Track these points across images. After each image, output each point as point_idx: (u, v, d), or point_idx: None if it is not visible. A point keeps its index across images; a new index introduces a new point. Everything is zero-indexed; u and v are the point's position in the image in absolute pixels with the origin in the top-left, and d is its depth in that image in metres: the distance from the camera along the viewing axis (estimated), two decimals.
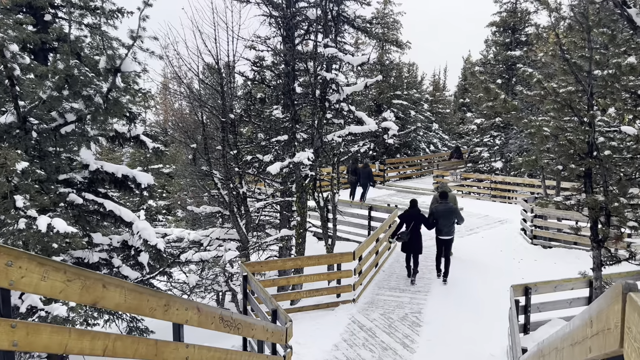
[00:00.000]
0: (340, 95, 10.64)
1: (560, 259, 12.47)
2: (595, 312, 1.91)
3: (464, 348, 7.98)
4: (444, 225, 10.86)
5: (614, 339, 1.62)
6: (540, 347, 3.63)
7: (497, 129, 24.58)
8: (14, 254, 2.56)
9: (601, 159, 5.40)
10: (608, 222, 5.65)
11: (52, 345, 2.84)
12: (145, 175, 10.14)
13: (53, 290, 2.83)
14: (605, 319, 1.73)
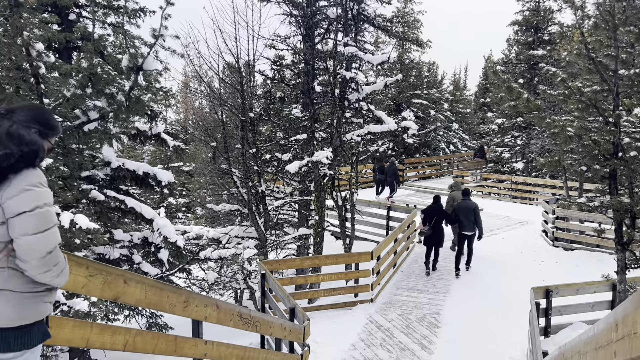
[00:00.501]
0: (359, 94, 10.61)
1: (582, 261, 12.25)
2: (621, 316, 1.86)
3: (483, 350, 7.89)
4: (465, 221, 11.20)
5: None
6: (562, 351, 3.57)
7: (518, 129, 24.26)
8: None
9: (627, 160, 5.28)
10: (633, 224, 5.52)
11: (75, 339, 2.89)
12: (166, 173, 10.25)
13: (75, 284, 2.87)
14: (632, 323, 1.69)
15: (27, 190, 1.85)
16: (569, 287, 7.89)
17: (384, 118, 11.68)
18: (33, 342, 1.97)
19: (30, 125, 1.99)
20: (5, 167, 1.83)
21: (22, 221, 1.83)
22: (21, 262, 1.86)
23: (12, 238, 1.85)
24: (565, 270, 11.49)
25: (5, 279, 1.87)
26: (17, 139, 1.90)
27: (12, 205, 1.83)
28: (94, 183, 9.27)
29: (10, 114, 1.98)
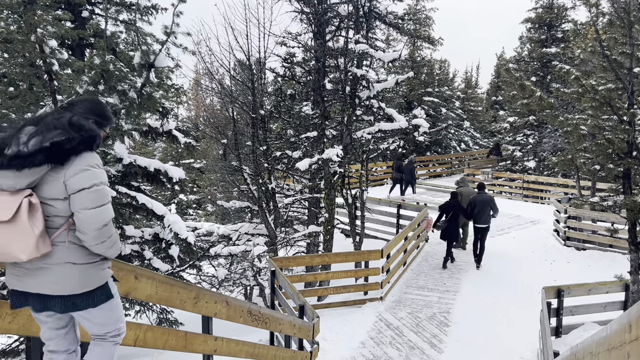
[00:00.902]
0: (370, 91, 10.58)
1: (595, 261, 12.14)
2: (635, 317, 1.84)
3: (493, 349, 7.85)
4: (480, 214, 11.47)
5: None
6: (574, 351, 3.54)
7: (530, 127, 24.05)
8: None
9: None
10: None
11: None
12: (177, 170, 10.28)
13: None
14: None
15: (86, 170, 2.10)
16: (581, 287, 7.82)
17: (394, 116, 11.63)
18: (97, 303, 2.24)
19: (88, 117, 2.27)
20: (67, 149, 2.06)
21: (81, 197, 2.08)
22: (80, 233, 2.11)
23: (73, 212, 2.10)
24: (577, 270, 11.39)
25: (67, 252, 2.12)
26: (77, 127, 2.14)
27: (74, 183, 2.08)
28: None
29: (71, 106, 2.28)
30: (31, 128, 2.11)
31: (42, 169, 2.05)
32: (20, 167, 2.00)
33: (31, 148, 2.02)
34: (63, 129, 2.11)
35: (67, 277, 2.13)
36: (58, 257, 2.12)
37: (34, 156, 2.01)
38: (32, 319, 2.53)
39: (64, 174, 2.08)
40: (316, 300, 10.02)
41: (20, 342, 9.28)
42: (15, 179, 2.02)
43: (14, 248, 1.98)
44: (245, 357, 4.75)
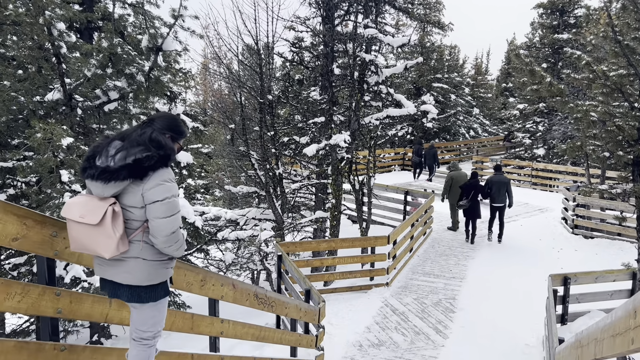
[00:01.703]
0: (379, 77, 10.50)
1: (603, 250, 12.08)
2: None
3: (498, 336, 7.87)
4: (497, 194, 12.27)
5: None
6: (579, 338, 3.54)
7: (540, 114, 23.83)
8: (59, 225, 2.65)
9: None
10: None
11: (94, 314, 2.95)
12: (185, 154, 10.33)
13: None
14: None
15: (160, 184, 2.45)
16: (588, 275, 7.80)
17: (403, 102, 11.55)
18: (157, 297, 2.62)
19: (165, 132, 2.62)
20: (146, 167, 2.42)
21: (155, 208, 2.45)
22: (152, 237, 2.48)
23: (148, 219, 2.47)
24: (584, 258, 11.35)
25: (140, 250, 2.49)
26: (156, 143, 2.50)
27: (150, 195, 2.44)
28: None
29: (151, 122, 2.63)
30: (118, 142, 2.48)
31: (125, 183, 2.42)
32: (107, 180, 2.38)
33: (117, 163, 2.39)
34: (144, 145, 2.47)
35: (138, 270, 2.51)
36: (133, 253, 2.50)
37: (119, 172, 2.38)
38: (41, 298, 2.57)
39: (142, 187, 2.44)
40: (322, 285, 10.08)
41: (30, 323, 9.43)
42: (103, 189, 2.41)
43: (100, 248, 2.39)
44: (251, 339, 4.81)
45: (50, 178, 6.00)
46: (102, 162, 2.43)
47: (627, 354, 2.15)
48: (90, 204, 2.43)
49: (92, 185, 2.44)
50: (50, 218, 2.61)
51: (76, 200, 2.47)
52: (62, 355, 2.70)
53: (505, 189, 12.43)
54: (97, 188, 2.43)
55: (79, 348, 2.88)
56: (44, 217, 2.58)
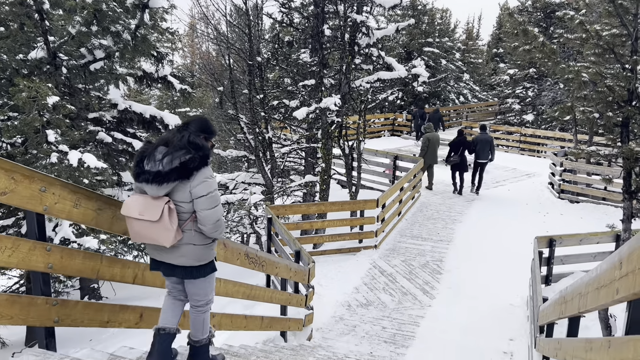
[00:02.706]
0: (370, 39, 10.35)
1: (588, 214, 12.29)
2: (626, 254, 1.87)
3: (483, 297, 8.05)
4: (481, 151, 13.31)
5: None
6: (563, 294, 3.63)
7: (530, 80, 23.78)
8: (48, 180, 2.62)
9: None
10: None
11: (85, 270, 2.96)
12: (173, 117, 10.20)
13: (85, 217, 2.92)
14: (637, 259, 1.70)
15: (203, 181, 2.87)
16: (573, 237, 7.95)
17: (394, 65, 11.44)
18: (206, 273, 3.09)
19: (199, 134, 2.99)
20: (191, 168, 2.84)
21: (202, 201, 2.87)
22: (201, 225, 2.92)
23: (196, 210, 2.89)
24: (569, 221, 11.54)
25: (191, 237, 2.93)
26: (195, 145, 2.89)
27: (196, 191, 2.86)
28: (101, 125, 9.25)
29: (187, 126, 3.01)
30: (163, 148, 2.89)
31: (175, 183, 2.83)
32: (161, 182, 2.80)
33: (166, 167, 2.80)
34: (185, 148, 2.86)
35: (190, 253, 2.95)
36: (185, 240, 2.91)
37: (169, 175, 2.80)
38: (31, 253, 2.57)
39: (189, 184, 2.85)
40: (312, 248, 10.18)
41: (20, 285, 9.45)
42: (157, 190, 2.82)
43: (160, 239, 2.82)
44: (241, 297, 4.86)
45: (36, 138, 5.91)
46: (151, 167, 2.83)
47: (611, 305, 2.21)
48: (147, 203, 2.84)
49: (147, 187, 2.84)
50: (39, 173, 2.58)
51: (133, 200, 2.88)
52: (55, 309, 2.72)
53: (489, 146, 13.36)
54: (152, 190, 2.83)
55: (71, 303, 2.89)
56: (33, 171, 2.55)
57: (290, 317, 5.99)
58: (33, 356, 2.56)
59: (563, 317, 3.62)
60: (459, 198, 13.76)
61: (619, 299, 1.97)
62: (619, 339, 1.90)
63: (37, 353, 2.61)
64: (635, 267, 1.72)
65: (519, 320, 7.34)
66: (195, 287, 3.13)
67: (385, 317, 7.40)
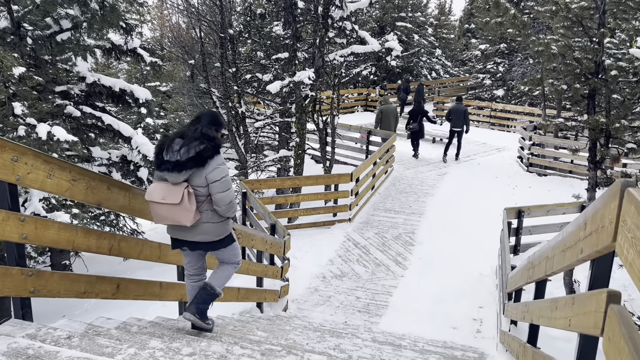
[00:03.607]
0: (343, 11, 10.27)
1: (555, 186, 12.64)
2: (590, 214, 1.97)
3: (454, 267, 8.27)
4: (455, 120, 14.28)
5: (607, 235, 1.68)
6: (531, 260, 3.77)
7: (501, 55, 24.05)
8: (20, 149, 2.58)
9: (607, 80, 5.35)
10: (607, 143, 5.70)
11: (61, 241, 2.93)
12: (143, 90, 9.98)
13: (59, 188, 2.88)
14: (601, 218, 1.79)
15: (217, 168, 3.30)
16: (540, 208, 8.20)
17: (367, 39, 11.39)
18: (227, 244, 3.57)
19: (211, 126, 3.37)
20: (206, 157, 3.25)
21: (216, 185, 3.30)
22: (216, 206, 3.35)
23: (211, 194, 3.32)
24: (537, 194, 11.85)
25: (208, 216, 3.36)
26: (207, 136, 3.30)
27: (211, 177, 3.28)
28: (69, 99, 9.00)
29: (199, 119, 3.41)
30: (179, 140, 3.29)
31: (192, 170, 3.24)
32: (180, 170, 3.21)
33: (183, 156, 3.20)
34: (199, 139, 3.26)
35: (210, 230, 3.39)
36: (203, 219, 3.35)
37: (187, 163, 3.20)
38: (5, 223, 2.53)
39: (205, 171, 3.27)
40: (287, 222, 10.22)
41: None
42: (177, 177, 3.22)
43: (182, 219, 3.23)
44: None
45: (2, 110, 5.72)
46: (170, 157, 3.22)
47: (576, 265, 2.33)
48: (167, 189, 3.24)
49: (168, 175, 3.23)
50: (11, 142, 2.53)
51: (155, 187, 3.28)
52: (30, 280, 2.70)
53: (463, 116, 14.28)
54: (173, 177, 3.23)
55: (47, 274, 2.88)
56: (4, 140, 2.50)
57: (266, 289, 6.06)
58: (9, 326, 2.55)
59: (530, 281, 3.76)
60: (431, 172, 13.98)
61: (583, 258, 2.08)
62: (583, 294, 2.01)
63: (13, 323, 2.60)
64: (598, 226, 1.81)
65: (488, 288, 7.59)
66: (223, 255, 3.67)
67: (359, 288, 7.55)
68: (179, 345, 2.87)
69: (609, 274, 1.97)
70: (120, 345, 2.58)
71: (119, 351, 2.48)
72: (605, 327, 1.63)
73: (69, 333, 2.62)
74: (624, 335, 1.38)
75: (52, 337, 2.50)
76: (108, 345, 2.55)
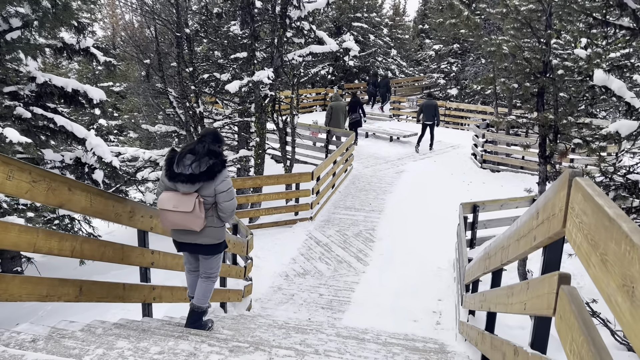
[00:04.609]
0: (301, 12, 10.33)
1: (507, 182, 13.11)
2: (542, 204, 2.11)
3: (413, 262, 8.49)
4: (427, 114, 15.59)
5: (557, 221, 1.82)
6: (487, 250, 3.94)
7: (454, 55, 24.69)
8: None
9: (554, 79, 5.66)
10: (556, 138, 6.01)
11: (21, 244, 2.88)
12: (97, 91, 9.73)
13: (19, 190, 2.82)
14: (551, 206, 1.92)
15: (224, 180, 3.81)
16: (494, 202, 8.52)
17: (325, 39, 11.49)
18: (222, 250, 4.14)
19: (215, 144, 3.89)
20: (215, 171, 3.73)
21: (223, 195, 3.82)
22: (221, 213, 3.90)
23: (217, 203, 3.84)
24: (491, 189, 12.27)
25: (212, 221, 3.89)
26: (214, 152, 3.79)
27: (219, 188, 3.79)
28: (19, 100, 8.70)
29: (204, 137, 3.90)
30: (190, 155, 3.75)
31: (203, 182, 3.72)
32: (194, 182, 3.69)
33: (196, 171, 3.67)
34: (207, 155, 3.75)
35: (212, 234, 3.94)
36: (207, 224, 3.84)
37: (200, 176, 3.69)
38: None
39: (214, 183, 3.77)
40: (248, 222, 10.20)
41: None
42: (190, 188, 3.71)
43: (193, 225, 3.74)
44: (181, 270, 4.86)
45: None
46: (182, 170, 3.70)
47: (530, 252, 2.47)
48: (178, 198, 3.71)
49: (181, 186, 3.71)
50: None
51: (166, 197, 3.75)
52: None
53: (434, 110, 15.52)
54: (185, 187, 3.71)
55: (8, 277, 2.81)
56: None
57: (230, 289, 6.06)
58: None
59: (487, 271, 3.93)
60: (389, 170, 14.23)
61: (536, 245, 2.22)
62: (536, 279, 2.15)
63: None
64: (549, 214, 1.95)
65: (446, 282, 7.82)
66: (211, 262, 4.11)
67: (322, 285, 7.64)
68: (147, 345, 2.86)
69: (560, 259, 2.12)
70: (87, 346, 2.56)
71: (86, 352, 2.46)
72: (557, 306, 1.76)
73: (33, 336, 2.58)
74: (574, 312, 1.50)
75: (15, 341, 2.46)
76: (75, 347, 2.52)
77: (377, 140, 17.93)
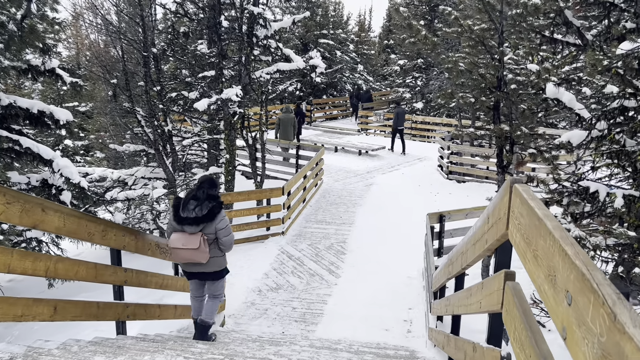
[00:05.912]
0: (268, 30, 10.54)
1: (473, 192, 13.49)
2: (491, 209, 2.30)
3: (384, 272, 8.67)
4: (399, 120, 17.62)
5: (502, 224, 2.01)
6: (450, 257, 4.15)
7: (419, 70, 25.33)
8: None
9: (508, 93, 5.98)
10: (512, 149, 6.32)
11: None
12: (64, 111, 9.69)
13: None
14: (498, 211, 2.12)
15: (222, 219, 4.58)
16: (460, 212, 8.79)
17: (292, 56, 11.71)
18: (224, 275, 4.95)
19: (212, 189, 4.60)
20: (215, 213, 4.50)
21: (222, 232, 4.57)
22: (222, 246, 4.65)
23: (218, 238, 4.58)
24: (457, 199, 12.61)
25: (215, 252, 4.63)
26: (212, 196, 4.55)
27: (219, 226, 4.54)
28: None
29: (202, 184, 4.60)
30: (193, 201, 4.51)
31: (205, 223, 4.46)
32: (198, 223, 4.45)
33: (199, 214, 4.42)
34: (207, 199, 4.50)
35: (216, 263, 4.71)
36: (211, 254, 4.59)
37: (203, 218, 4.44)
38: None
39: (214, 222, 4.51)
40: None
41: None
42: (195, 229, 4.46)
43: (200, 259, 4.49)
44: (154, 287, 4.93)
45: None
46: (187, 214, 4.44)
47: (484, 255, 2.66)
48: (186, 237, 4.44)
49: (188, 227, 4.45)
50: None
51: (176, 237, 4.45)
52: None
53: (404, 116, 17.76)
54: (192, 228, 4.46)
55: None
56: None
57: None
58: None
59: (451, 277, 4.13)
60: (359, 183, 14.47)
61: (489, 248, 2.41)
62: (488, 279, 2.34)
63: None
64: (497, 218, 2.14)
65: (416, 290, 8.02)
66: (216, 286, 4.91)
67: (295, 299, 7.73)
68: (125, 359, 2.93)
69: (510, 260, 2.31)
70: None
71: None
72: (504, 301, 1.94)
73: (10, 355, 2.62)
74: (516, 304, 1.69)
75: None
76: None
77: (347, 154, 18.21)
